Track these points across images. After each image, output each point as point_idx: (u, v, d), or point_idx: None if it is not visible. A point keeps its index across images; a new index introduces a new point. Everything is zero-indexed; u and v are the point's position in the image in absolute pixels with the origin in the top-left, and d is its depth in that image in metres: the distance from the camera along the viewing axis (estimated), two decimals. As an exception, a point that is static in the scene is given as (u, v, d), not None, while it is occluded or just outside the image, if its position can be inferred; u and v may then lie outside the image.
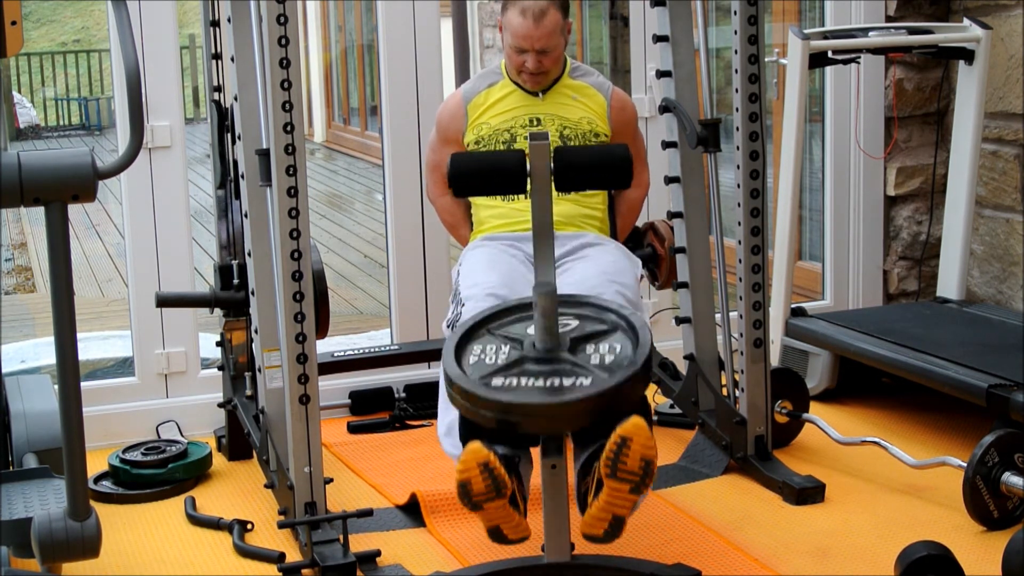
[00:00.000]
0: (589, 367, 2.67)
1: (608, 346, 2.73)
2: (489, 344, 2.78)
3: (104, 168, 2.63)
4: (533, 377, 2.65)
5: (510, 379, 2.65)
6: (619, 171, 2.97)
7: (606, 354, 2.70)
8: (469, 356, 2.76)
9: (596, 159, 3.01)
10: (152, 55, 4.04)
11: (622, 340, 2.75)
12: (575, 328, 2.79)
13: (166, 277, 4.14)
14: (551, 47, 3.58)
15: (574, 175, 2.93)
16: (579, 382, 2.61)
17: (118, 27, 2.66)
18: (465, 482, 2.63)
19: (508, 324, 2.86)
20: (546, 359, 2.69)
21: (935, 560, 2.83)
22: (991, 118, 4.63)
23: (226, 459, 3.95)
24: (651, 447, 2.62)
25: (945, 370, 3.80)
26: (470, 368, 2.72)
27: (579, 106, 3.66)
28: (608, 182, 3.02)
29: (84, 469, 2.70)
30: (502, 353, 2.74)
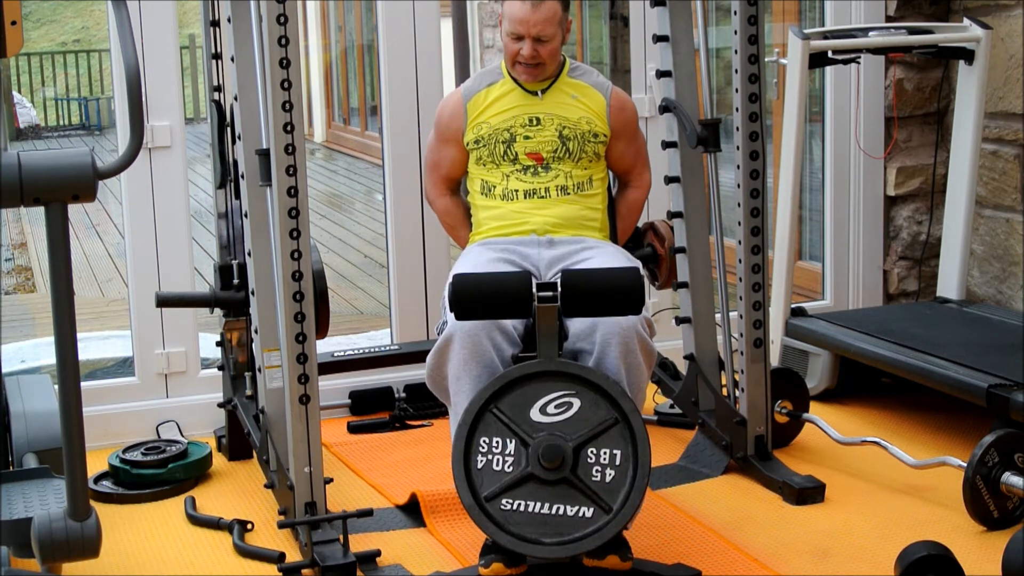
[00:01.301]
0: (590, 489, 2.90)
1: (608, 454, 2.93)
2: (495, 437, 2.96)
3: (104, 168, 2.63)
4: (539, 502, 2.90)
5: (517, 503, 2.91)
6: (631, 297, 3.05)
7: (606, 467, 2.92)
8: (477, 454, 2.94)
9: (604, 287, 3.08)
10: (152, 55, 4.04)
11: (620, 442, 2.94)
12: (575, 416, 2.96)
13: (166, 277, 4.14)
14: (548, 36, 3.56)
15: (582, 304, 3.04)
16: (581, 512, 2.89)
17: (118, 27, 2.66)
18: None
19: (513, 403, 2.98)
20: (551, 481, 2.91)
21: (935, 560, 2.83)
22: (991, 118, 4.63)
23: (226, 459, 3.95)
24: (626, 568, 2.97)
25: (945, 370, 3.80)
26: (478, 474, 2.93)
27: (578, 106, 3.65)
28: (619, 309, 3.07)
29: (84, 469, 2.70)
30: (508, 455, 2.94)
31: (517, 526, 2.88)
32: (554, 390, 2.98)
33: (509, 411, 2.96)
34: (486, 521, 2.89)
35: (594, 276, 3.15)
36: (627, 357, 3.15)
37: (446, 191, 3.76)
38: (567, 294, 2.99)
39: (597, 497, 2.90)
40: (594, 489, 2.90)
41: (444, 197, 3.78)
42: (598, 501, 2.89)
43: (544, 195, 3.57)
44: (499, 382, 2.98)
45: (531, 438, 2.93)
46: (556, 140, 3.59)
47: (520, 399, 2.97)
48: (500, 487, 2.91)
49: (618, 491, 2.90)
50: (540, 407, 2.96)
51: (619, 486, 2.90)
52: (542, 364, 2.98)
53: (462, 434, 2.95)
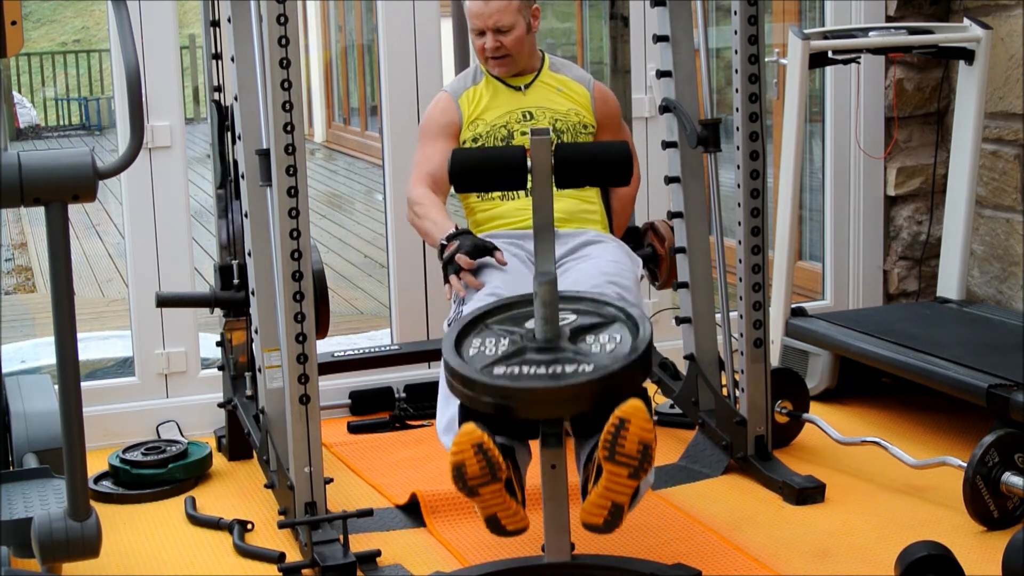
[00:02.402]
0: (590, 355, 2.68)
1: (608, 336, 2.74)
2: (488, 338, 2.80)
3: (104, 168, 2.63)
4: (535, 366, 2.66)
5: (511, 368, 2.66)
6: (619, 168, 2.97)
7: (607, 343, 2.72)
8: (469, 349, 2.77)
9: (596, 156, 3.01)
10: (152, 55, 4.04)
11: (622, 331, 2.76)
12: (574, 321, 2.80)
13: (166, 277, 4.14)
14: (507, 25, 3.57)
15: (574, 172, 2.93)
16: (581, 368, 2.62)
17: (118, 27, 2.66)
18: (459, 464, 2.61)
19: (507, 320, 2.87)
20: (547, 348, 2.70)
21: (935, 560, 2.83)
22: (991, 118, 4.63)
23: (226, 459, 3.95)
24: (649, 430, 2.60)
25: (945, 370, 3.80)
26: (470, 359, 2.73)
27: (565, 98, 3.67)
28: (608, 179, 3.02)
29: (84, 469, 2.70)
30: (502, 345, 2.76)
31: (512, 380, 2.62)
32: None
33: (503, 323, 2.84)
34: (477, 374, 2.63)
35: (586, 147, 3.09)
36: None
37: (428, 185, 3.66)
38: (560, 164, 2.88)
39: (598, 358, 2.66)
40: (593, 355, 2.67)
41: (424, 188, 3.66)
42: (599, 361, 2.65)
43: None
44: (491, 305, 2.90)
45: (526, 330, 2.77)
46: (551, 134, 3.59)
47: (515, 317, 2.86)
48: (494, 359, 2.70)
49: (620, 355, 2.66)
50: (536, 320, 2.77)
51: (621, 352, 2.68)
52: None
53: (452, 334, 2.79)
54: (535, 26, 3.67)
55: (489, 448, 2.61)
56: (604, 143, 3.17)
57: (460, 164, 3.01)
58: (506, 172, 2.94)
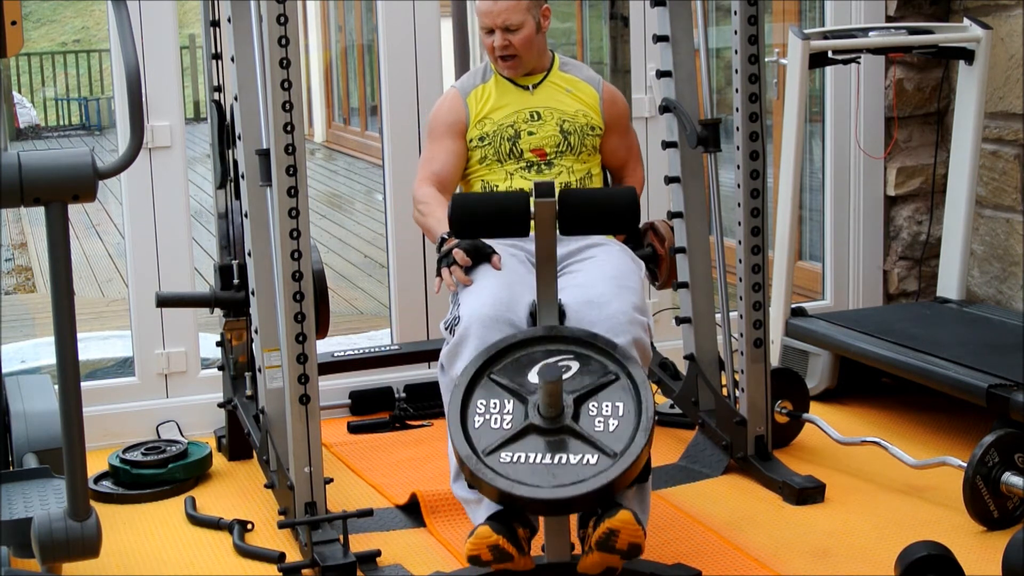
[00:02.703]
0: (593, 438, 2.77)
1: (611, 406, 2.82)
2: (492, 399, 2.86)
3: (104, 168, 2.63)
4: (539, 453, 2.76)
5: (516, 454, 2.77)
6: (625, 216, 3.00)
7: (609, 417, 2.80)
8: (474, 415, 2.84)
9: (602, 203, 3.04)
10: (152, 55, 4.04)
11: (623, 395, 2.84)
12: (575, 376, 2.87)
13: (166, 277, 4.14)
14: (515, 23, 3.57)
15: (579, 220, 2.98)
16: (585, 459, 2.74)
17: (118, 27, 2.66)
18: (475, 555, 2.79)
19: (509, 367, 2.91)
20: (550, 430, 2.79)
21: (935, 560, 2.83)
22: (991, 118, 4.63)
23: (226, 459, 3.95)
24: (638, 535, 2.75)
25: (945, 370, 3.80)
26: (475, 432, 2.81)
27: (573, 99, 3.66)
28: (614, 227, 3.04)
29: (84, 469, 2.70)
30: (507, 414, 2.83)
31: (516, 475, 2.73)
32: (552, 354, 2.91)
33: (506, 376, 2.88)
34: (485, 470, 2.73)
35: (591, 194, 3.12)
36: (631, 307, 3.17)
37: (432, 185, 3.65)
38: (564, 209, 2.93)
39: (600, 444, 2.75)
40: (596, 437, 2.77)
41: (430, 187, 3.66)
42: (601, 448, 2.75)
43: None
44: (494, 348, 2.92)
45: (530, 395, 2.83)
46: (558, 135, 3.60)
47: (517, 365, 2.90)
48: (499, 441, 2.78)
49: (622, 437, 2.77)
50: (538, 370, 2.87)
51: (623, 433, 2.77)
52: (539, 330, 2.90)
53: (457, 397, 2.85)
54: (545, 26, 3.66)
55: (503, 546, 2.79)
56: (610, 189, 3.18)
57: (461, 210, 3.02)
58: (508, 220, 2.99)
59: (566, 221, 2.95)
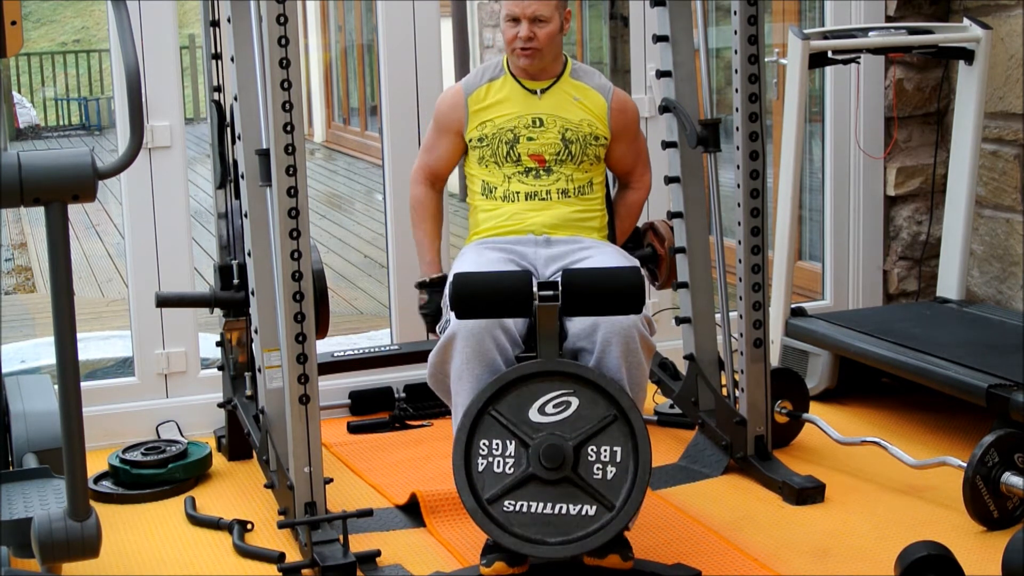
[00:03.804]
0: (592, 487, 2.92)
1: (608, 452, 2.94)
2: (495, 439, 2.96)
3: (104, 168, 2.63)
4: (541, 502, 2.91)
5: (519, 503, 2.92)
6: (629, 297, 3.05)
7: (607, 464, 2.93)
8: (477, 457, 2.95)
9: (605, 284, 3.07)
10: (152, 55, 4.04)
11: (620, 439, 2.95)
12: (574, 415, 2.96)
13: (166, 277, 4.14)
14: (544, 16, 3.57)
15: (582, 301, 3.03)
16: (584, 511, 2.90)
17: (118, 27, 2.66)
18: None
19: (511, 404, 2.98)
20: (552, 481, 2.92)
21: (935, 560, 2.83)
22: (991, 118, 4.63)
23: (226, 459, 3.95)
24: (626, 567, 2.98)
25: (945, 370, 3.80)
26: (479, 476, 2.93)
27: (579, 107, 3.65)
28: (618, 308, 3.07)
29: (84, 469, 2.70)
30: (508, 457, 2.94)
31: (520, 527, 2.90)
32: (552, 390, 2.98)
33: (508, 413, 2.97)
34: (489, 523, 2.90)
35: (595, 276, 3.15)
36: (628, 356, 3.15)
37: (426, 180, 3.75)
38: (568, 294, 3.00)
39: (599, 495, 2.91)
40: (596, 487, 2.92)
41: (423, 185, 3.76)
42: (600, 499, 2.91)
43: (545, 197, 3.57)
44: (496, 384, 2.99)
45: (531, 439, 2.94)
46: (559, 142, 3.59)
47: (518, 400, 2.98)
48: (502, 489, 2.92)
49: (620, 488, 2.92)
50: (539, 407, 2.97)
51: (620, 483, 2.92)
52: (538, 364, 2.99)
53: (461, 438, 2.95)
54: (565, 28, 3.67)
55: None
56: (613, 269, 3.21)
57: (464, 292, 3.05)
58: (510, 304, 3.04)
59: (569, 305, 3.02)
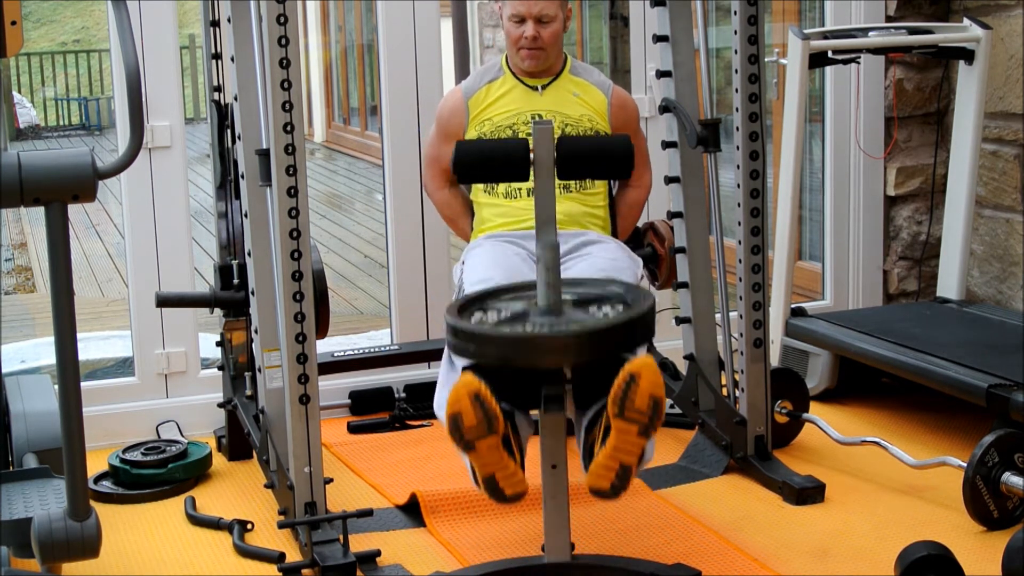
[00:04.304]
0: (594, 317, 2.67)
1: (611, 307, 2.73)
2: (491, 310, 2.76)
3: (104, 168, 2.63)
4: (538, 326, 2.64)
5: (515, 327, 2.65)
6: (621, 161, 2.99)
7: (610, 312, 2.70)
8: (471, 319, 2.72)
9: (598, 148, 3.04)
10: (152, 55, 4.04)
11: (623, 300, 2.76)
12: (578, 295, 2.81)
13: (166, 277, 4.14)
14: (549, 16, 3.59)
15: (576, 163, 2.95)
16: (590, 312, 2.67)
17: (118, 27, 2.66)
18: (455, 415, 2.57)
19: (508, 299, 2.85)
20: (551, 312, 2.69)
21: (935, 560, 2.83)
22: (991, 118, 4.63)
23: (226, 459, 3.95)
24: (659, 385, 2.57)
25: (945, 370, 3.80)
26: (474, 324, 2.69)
27: (580, 103, 3.66)
28: (610, 172, 3.05)
29: (84, 469, 2.70)
30: (505, 313, 2.74)
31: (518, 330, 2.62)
32: None
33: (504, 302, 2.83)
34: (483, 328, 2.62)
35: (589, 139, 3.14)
36: None
37: (444, 183, 3.78)
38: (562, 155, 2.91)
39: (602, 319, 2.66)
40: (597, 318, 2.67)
41: (443, 189, 3.80)
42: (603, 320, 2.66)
43: None
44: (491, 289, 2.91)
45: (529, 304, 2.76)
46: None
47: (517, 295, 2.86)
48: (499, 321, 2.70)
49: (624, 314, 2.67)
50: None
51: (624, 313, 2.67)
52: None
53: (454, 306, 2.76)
54: (567, 26, 3.69)
55: (486, 398, 2.56)
56: (606, 137, 3.18)
57: (463, 155, 3.02)
58: (508, 163, 2.95)
59: (563, 164, 2.90)
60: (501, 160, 2.97)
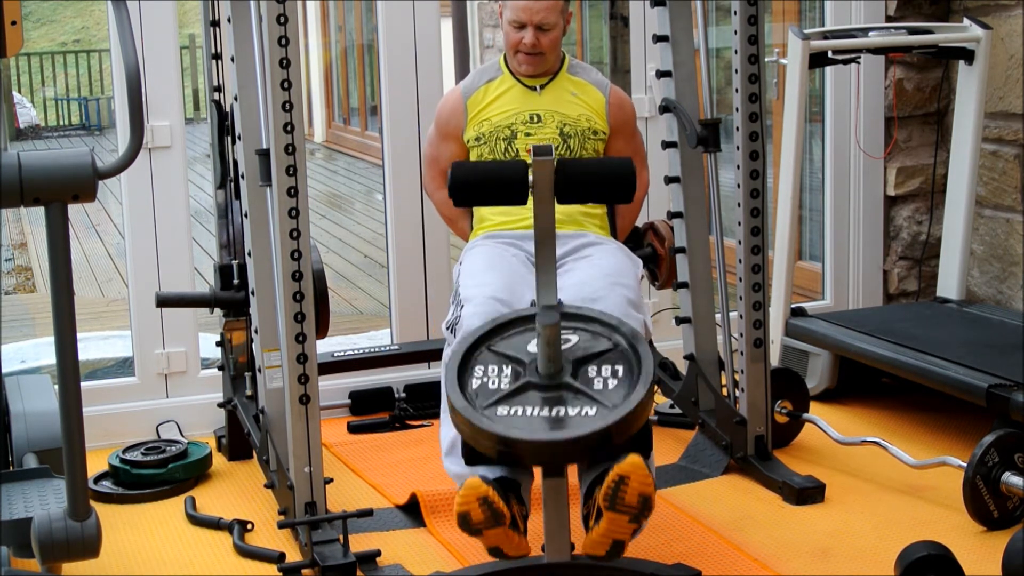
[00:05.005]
0: (592, 393, 2.69)
1: (610, 368, 2.74)
2: (491, 365, 2.78)
3: (104, 168, 2.63)
4: (536, 406, 2.68)
5: (514, 408, 2.68)
6: (622, 185, 2.97)
7: (608, 377, 2.72)
8: (471, 379, 2.76)
9: (599, 172, 3.01)
10: (152, 55, 4.04)
11: (624, 360, 2.76)
12: (576, 345, 2.80)
13: (166, 277, 4.14)
14: (550, 24, 3.58)
15: (576, 189, 2.93)
16: (584, 411, 2.65)
17: (118, 27, 2.66)
18: (464, 513, 2.69)
19: (509, 338, 2.85)
20: (549, 385, 2.72)
21: (935, 560, 2.83)
22: (991, 118, 4.63)
23: (226, 459, 3.95)
24: (648, 483, 2.66)
25: (945, 370, 3.80)
26: (473, 393, 2.73)
27: (578, 103, 3.66)
28: (611, 196, 3.02)
29: (84, 469, 2.70)
30: (504, 376, 2.76)
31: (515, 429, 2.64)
32: None
33: (504, 346, 2.84)
34: (480, 417, 2.64)
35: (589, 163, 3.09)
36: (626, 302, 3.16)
37: (443, 184, 3.77)
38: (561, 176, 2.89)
39: (599, 399, 2.67)
40: (595, 394, 2.69)
41: (443, 189, 3.78)
42: (600, 401, 2.67)
43: None
44: (493, 323, 2.89)
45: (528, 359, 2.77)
46: (557, 137, 3.60)
47: (516, 338, 2.86)
48: (496, 397, 2.71)
49: (622, 394, 2.68)
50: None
51: (623, 390, 2.69)
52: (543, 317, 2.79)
53: (455, 361, 2.79)
54: (566, 30, 3.69)
55: (494, 500, 2.68)
56: (607, 159, 3.17)
57: (460, 178, 3.00)
58: (507, 187, 2.94)
59: (563, 189, 2.90)
60: (499, 184, 2.96)
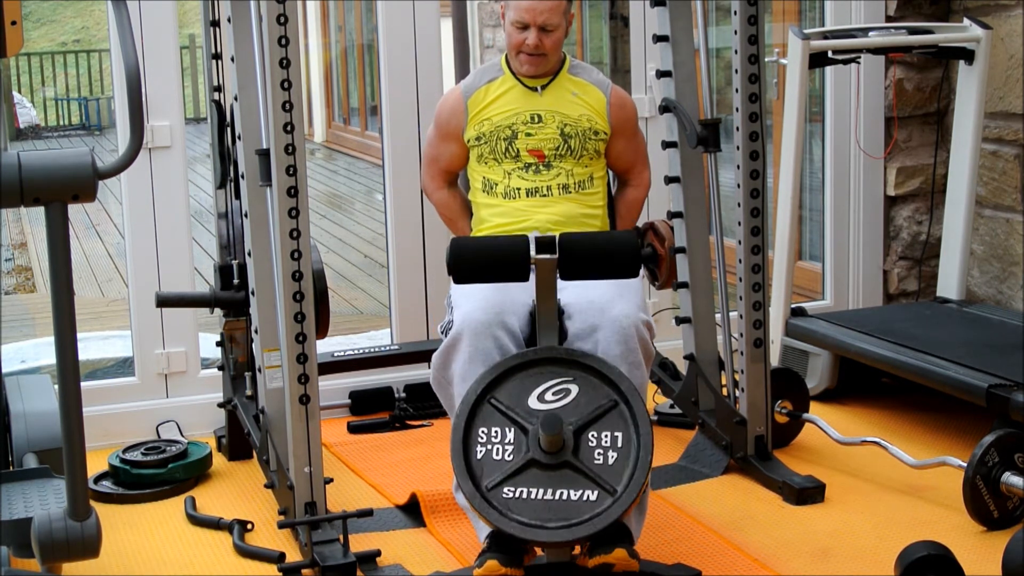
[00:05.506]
0: (593, 472, 2.86)
1: (609, 436, 2.90)
2: (494, 427, 2.92)
3: (104, 168, 2.63)
4: (541, 488, 2.86)
5: (519, 490, 2.86)
6: (626, 259, 3.04)
7: (608, 449, 2.88)
8: (476, 445, 2.90)
9: (601, 249, 3.07)
10: (152, 55, 4.04)
11: (621, 424, 2.91)
12: (575, 400, 2.93)
13: (166, 277, 4.14)
14: (553, 25, 3.58)
15: (579, 264, 3.02)
16: (585, 495, 2.84)
17: (118, 27, 2.66)
18: None
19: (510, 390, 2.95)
20: (551, 465, 2.87)
21: (935, 560, 2.83)
22: (991, 118, 4.63)
23: (226, 459, 3.95)
24: (632, 567, 2.89)
25: (945, 370, 3.80)
26: (478, 464, 2.88)
27: (579, 103, 3.66)
28: (615, 271, 3.06)
29: (84, 469, 2.70)
30: (508, 444, 2.90)
31: (520, 513, 2.82)
32: (551, 377, 2.96)
33: (507, 400, 2.93)
34: (488, 509, 2.83)
35: (592, 237, 3.17)
36: (627, 356, 3.15)
37: (443, 184, 3.77)
38: (565, 255, 2.98)
39: (600, 479, 2.85)
40: (596, 472, 2.85)
41: (442, 190, 3.77)
42: (601, 483, 2.84)
43: (546, 193, 3.57)
44: (495, 371, 2.96)
45: (530, 425, 2.90)
46: (558, 137, 3.60)
47: (517, 388, 2.95)
48: (502, 476, 2.87)
49: (621, 472, 2.85)
50: (538, 395, 2.94)
51: (622, 467, 2.86)
52: (537, 351, 2.96)
53: (460, 425, 2.92)
54: (567, 31, 3.68)
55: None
56: (610, 235, 3.25)
57: (461, 253, 3.04)
58: (507, 266, 3.02)
59: (566, 268, 3.00)
60: (500, 262, 3.03)
